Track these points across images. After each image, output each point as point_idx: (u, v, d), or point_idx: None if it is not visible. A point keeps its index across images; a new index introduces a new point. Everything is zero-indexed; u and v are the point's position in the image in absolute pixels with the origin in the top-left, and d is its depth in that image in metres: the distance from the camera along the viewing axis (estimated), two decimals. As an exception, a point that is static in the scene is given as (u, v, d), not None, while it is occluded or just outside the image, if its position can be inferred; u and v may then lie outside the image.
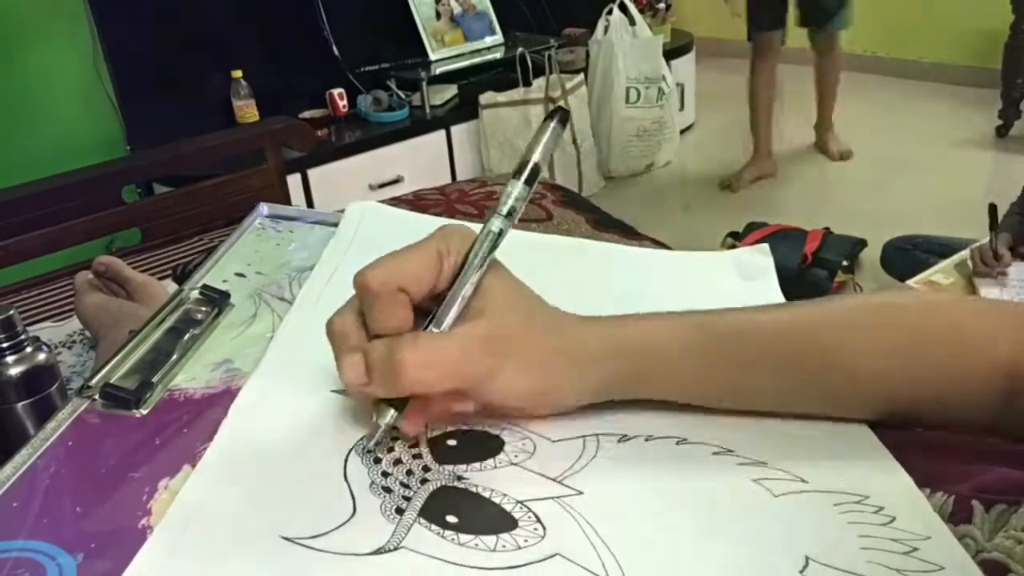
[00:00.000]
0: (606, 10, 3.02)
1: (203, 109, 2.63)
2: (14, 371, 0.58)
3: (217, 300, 0.51)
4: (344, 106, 2.82)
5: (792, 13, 2.94)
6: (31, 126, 2.34)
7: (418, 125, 2.81)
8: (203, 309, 0.50)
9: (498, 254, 0.40)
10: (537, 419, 0.41)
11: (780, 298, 0.57)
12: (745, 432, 0.42)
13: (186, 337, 0.48)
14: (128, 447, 0.39)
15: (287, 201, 1.62)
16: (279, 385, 0.43)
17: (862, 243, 2.32)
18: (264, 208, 0.64)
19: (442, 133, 2.84)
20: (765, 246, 0.62)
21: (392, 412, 0.37)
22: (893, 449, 0.41)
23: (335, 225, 0.60)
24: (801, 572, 0.34)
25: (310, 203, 2.54)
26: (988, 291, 1.80)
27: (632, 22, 3.01)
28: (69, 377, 0.93)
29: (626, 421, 0.42)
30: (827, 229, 2.32)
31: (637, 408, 0.42)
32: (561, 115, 0.41)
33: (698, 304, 0.42)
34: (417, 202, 1.03)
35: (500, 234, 0.39)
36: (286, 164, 1.70)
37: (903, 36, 3.89)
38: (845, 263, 2.21)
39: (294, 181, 2.44)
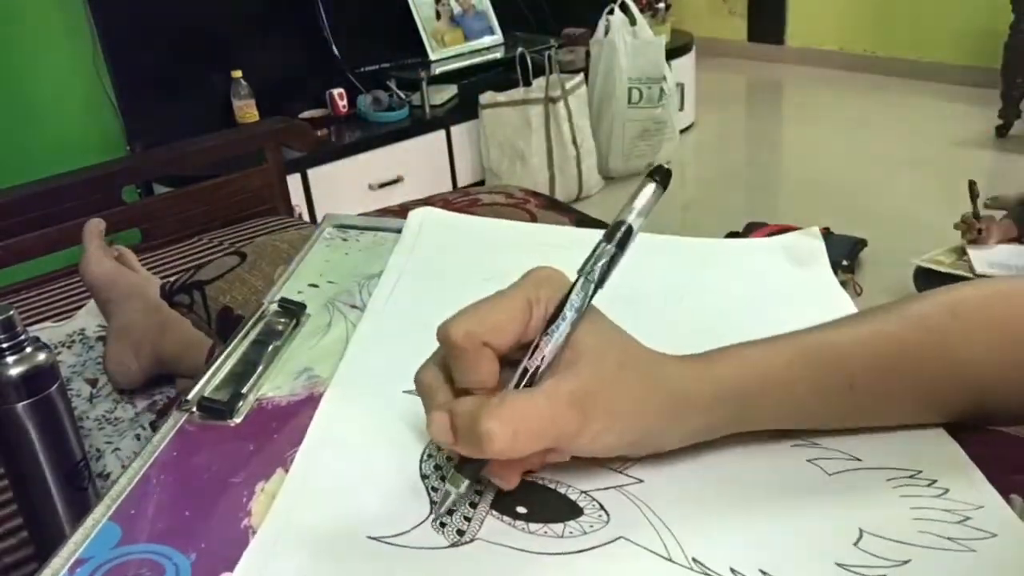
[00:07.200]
0: (607, 10, 3.02)
1: (203, 109, 2.63)
2: (14, 371, 0.57)
3: (294, 311, 0.54)
4: (344, 106, 2.82)
5: None
6: (31, 126, 2.34)
7: (418, 125, 2.80)
8: (282, 321, 0.54)
9: (551, 256, 0.40)
10: None
11: (835, 284, 0.57)
12: None
13: (269, 348, 0.51)
14: (226, 454, 0.43)
15: (287, 201, 1.62)
16: (356, 391, 0.46)
17: (862, 243, 2.33)
18: (331, 219, 0.68)
19: (442, 133, 2.84)
20: (815, 228, 0.62)
21: (467, 483, 0.37)
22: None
23: (398, 231, 0.64)
24: (855, 544, 0.35)
25: (310, 203, 2.53)
26: (976, 255, 1.92)
27: (633, 22, 3.01)
28: (69, 377, 0.93)
29: None
30: (827, 229, 2.32)
31: None
32: (662, 176, 0.39)
33: (751, 294, 0.43)
34: (403, 212, 1.04)
35: (593, 292, 0.37)
36: (286, 164, 1.70)
37: (903, 36, 3.89)
38: (845, 263, 2.21)
39: (294, 181, 2.44)
